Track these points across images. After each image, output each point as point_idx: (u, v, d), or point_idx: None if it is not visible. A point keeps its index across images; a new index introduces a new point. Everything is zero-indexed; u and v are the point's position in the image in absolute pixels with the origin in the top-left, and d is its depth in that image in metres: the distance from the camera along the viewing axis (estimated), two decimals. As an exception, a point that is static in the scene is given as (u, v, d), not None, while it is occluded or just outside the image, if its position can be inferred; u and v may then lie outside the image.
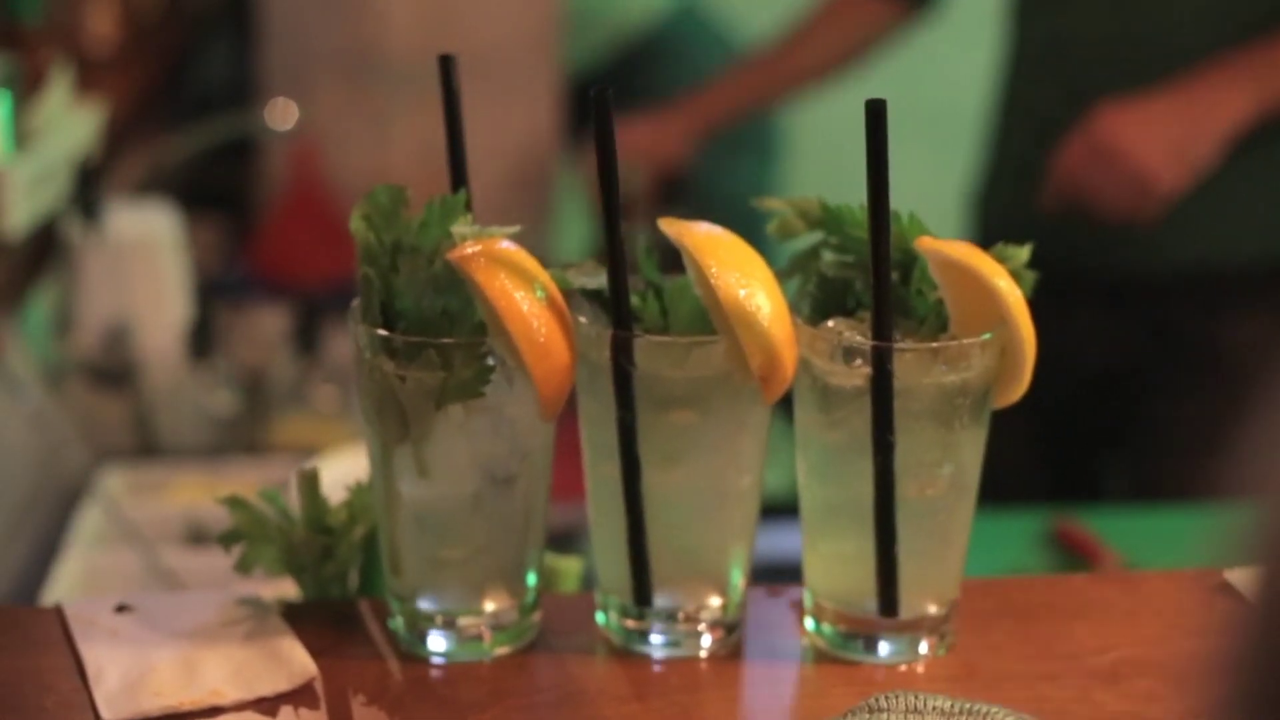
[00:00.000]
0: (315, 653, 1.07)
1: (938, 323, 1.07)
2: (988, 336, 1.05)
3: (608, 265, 1.04)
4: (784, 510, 1.57)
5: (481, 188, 1.10)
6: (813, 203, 1.10)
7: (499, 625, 1.09)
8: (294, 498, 1.16)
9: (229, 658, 1.06)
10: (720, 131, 2.87)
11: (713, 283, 1.02)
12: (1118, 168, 2.07)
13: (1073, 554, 1.90)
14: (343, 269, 2.96)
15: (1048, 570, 1.89)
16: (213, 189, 3.14)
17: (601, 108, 1.02)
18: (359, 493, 1.14)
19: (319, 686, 1.05)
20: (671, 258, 1.07)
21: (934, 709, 0.95)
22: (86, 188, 2.20)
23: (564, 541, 1.60)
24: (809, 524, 1.11)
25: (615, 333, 1.04)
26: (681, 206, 3.82)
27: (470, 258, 1.01)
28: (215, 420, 2.18)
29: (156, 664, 1.05)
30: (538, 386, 1.01)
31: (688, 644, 1.10)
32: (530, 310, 1.00)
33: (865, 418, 1.05)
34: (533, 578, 1.10)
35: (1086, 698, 1.05)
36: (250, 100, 3.20)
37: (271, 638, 1.08)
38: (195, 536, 1.88)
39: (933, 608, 1.10)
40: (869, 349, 1.04)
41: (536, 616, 1.11)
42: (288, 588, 1.20)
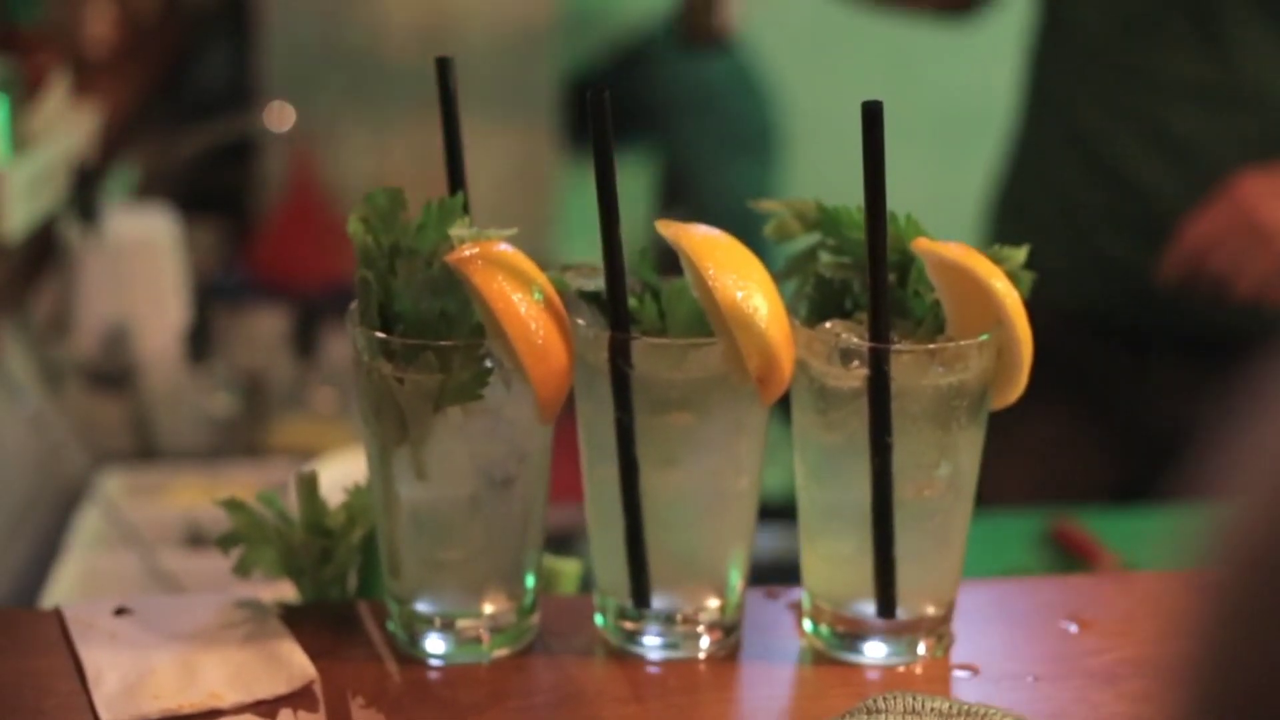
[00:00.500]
0: (314, 655, 1.07)
1: (935, 324, 1.07)
2: (985, 338, 1.05)
3: (605, 267, 1.04)
4: (781, 512, 1.57)
5: (479, 191, 1.10)
6: (810, 204, 1.10)
7: (497, 627, 1.09)
8: (293, 500, 1.16)
9: (228, 660, 1.06)
10: None
11: (710, 284, 1.02)
12: (1262, 241, 1.89)
13: (1070, 555, 1.90)
14: (341, 271, 2.96)
15: (1045, 571, 1.89)
16: (211, 191, 3.14)
17: (599, 109, 1.02)
18: (357, 495, 1.14)
19: (318, 689, 1.05)
20: (669, 260, 1.07)
21: (932, 710, 0.95)
22: (85, 190, 2.20)
23: (562, 543, 1.60)
24: (807, 525, 1.11)
25: (613, 335, 1.04)
26: (680, 208, 3.83)
27: (468, 260, 1.01)
28: (214, 422, 2.18)
29: (155, 666, 1.06)
30: (536, 389, 1.01)
31: (686, 645, 1.10)
32: (528, 313, 1.01)
33: (863, 419, 1.05)
34: (531, 579, 1.10)
35: (1084, 698, 1.06)
36: (248, 103, 3.20)
37: (270, 640, 1.08)
38: (194, 539, 1.89)
39: (931, 609, 1.10)
40: (866, 350, 1.04)
41: (535, 618, 1.11)
42: (286, 590, 1.20)
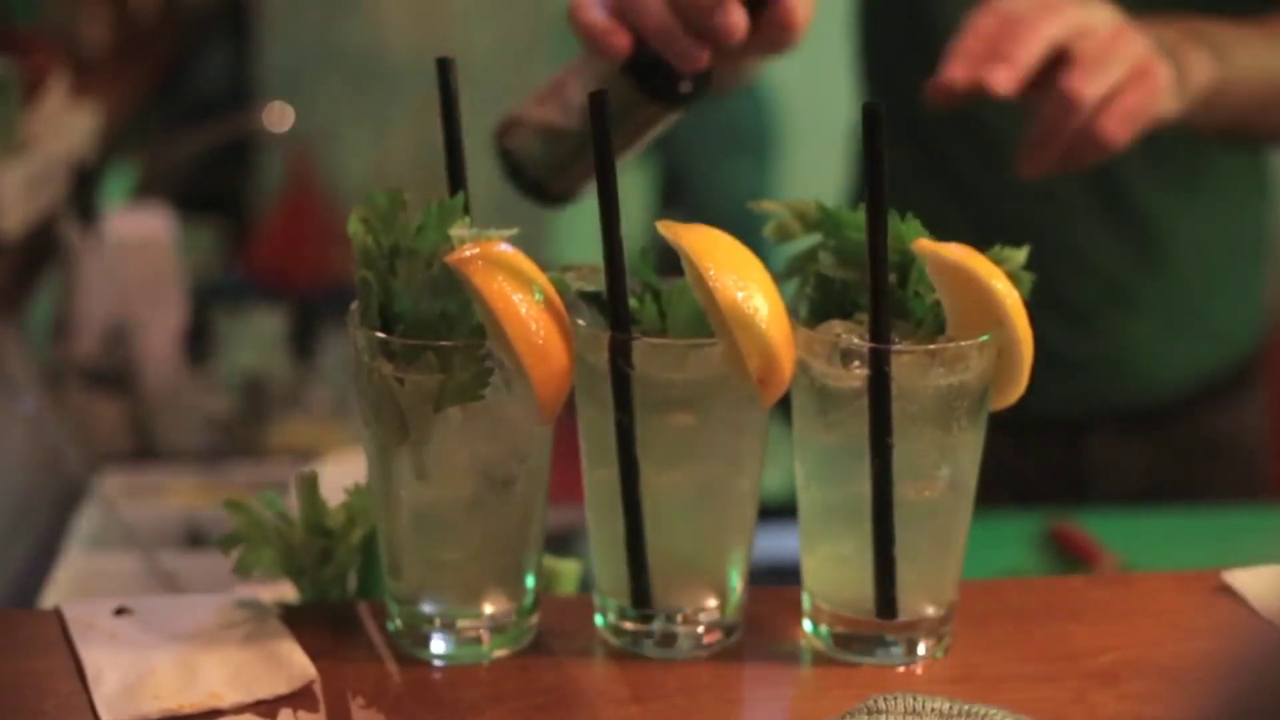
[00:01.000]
0: (314, 655, 1.07)
1: (935, 325, 1.07)
2: (985, 338, 1.05)
3: (606, 268, 1.04)
4: (781, 512, 1.57)
5: (477, 191, 1.10)
6: (810, 205, 1.10)
7: (498, 627, 1.09)
8: (292, 500, 1.16)
9: (228, 660, 1.06)
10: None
11: (711, 285, 1.02)
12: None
13: (1069, 556, 1.90)
14: (339, 272, 2.96)
15: (1044, 572, 1.89)
16: (209, 192, 3.14)
17: (599, 110, 1.02)
18: (358, 495, 1.14)
19: (318, 689, 1.05)
20: (669, 260, 1.07)
21: (933, 710, 0.95)
22: (84, 190, 2.20)
23: (561, 543, 1.60)
24: (807, 526, 1.11)
25: (613, 335, 1.04)
26: (678, 208, 3.82)
27: (468, 260, 1.01)
28: (213, 423, 2.18)
29: (155, 666, 1.06)
30: (536, 389, 1.01)
31: (686, 646, 1.10)
32: (528, 313, 1.01)
33: (863, 420, 1.05)
34: (531, 580, 1.10)
35: (1084, 699, 1.06)
36: (247, 103, 3.20)
37: (270, 640, 1.08)
38: (193, 539, 1.89)
39: (931, 609, 1.10)
40: (866, 351, 1.04)
41: (535, 619, 1.11)
42: (286, 590, 1.20)
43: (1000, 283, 1.05)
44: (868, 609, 1.09)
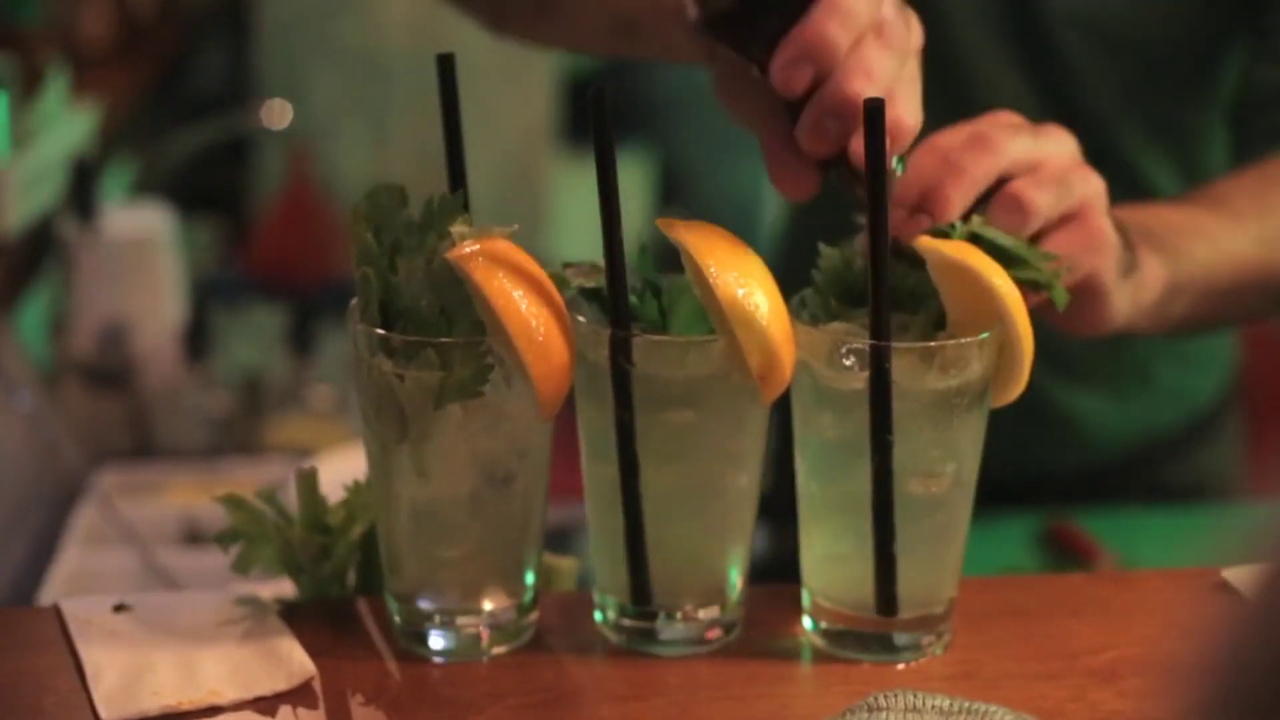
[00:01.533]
0: (313, 652, 1.07)
1: (933, 318, 1.07)
2: (986, 336, 1.05)
3: (606, 265, 1.04)
4: (780, 509, 1.56)
5: (475, 188, 1.10)
6: None
7: (497, 625, 1.09)
8: (292, 497, 1.16)
9: (227, 657, 1.06)
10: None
11: (711, 282, 1.02)
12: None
13: (1068, 554, 1.90)
14: (337, 269, 2.96)
15: (1043, 570, 1.89)
16: (207, 189, 3.14)
17: (599, 107, 1.02)
18: (357, 492, 1.14)
19: (317, 686, 1.05)
20: (669, 257, 1.07)
21: (933, 708, 0.95)
22: (83, 188, 2.20)
23: (559, 541, 1.60)
24: (807, 523, 1.11)
25: (614, 332, 1.04)
26: (676, 206, 3.83)
27: (469, 257, 1.01)
28: (211, 421, 2.18)
29: (155, 663, 1.05)
30: (536, 386, 1.01)
31: (686, 643, 1.10)
32: (529, 310, 1.00)
33: (863, 417, 1.05)
34: (531, 577, 1.10)
35: (1083, 696, 1.06)
36: (245, 101, 3.20)
37: (270, 637, 1.08)
38: (191, 537, 1.88)
39: (931, 607, 1.10)
40: (867, 349, 1.04)
41: (534, 616, 1.11)
42: (285, 587, 1.20)
43: (1000, 280, 1.05)
44: (868, 606, 1.08)
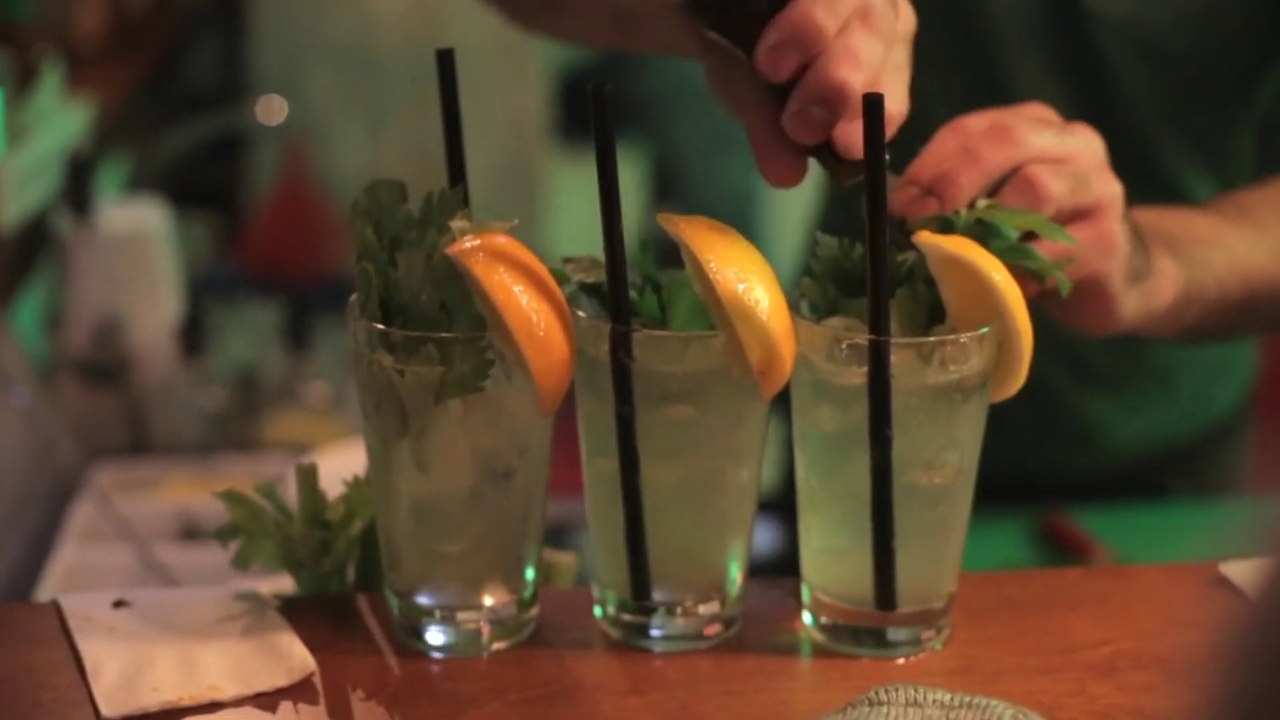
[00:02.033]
0: (313, 648, 1.07)
1: (931, 310, 1.07)
2: (985, 331, 1.05)
3: (606, 260, 1.04)
4: (778, 505, 1.56)
5: (471, 183, 1.10)
6: None
7: (497, 620, 1.09)
8: (290, 493, 1.16)
9: (227, 653, 1.06)
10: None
11: (711, 277, 1.02)
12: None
13: (1064, 550, 1.90)
14: (333, 265, 2.96)
15: (1038, 566, 1.89)
16: (203, 185, 3.14)
17: (600, 103, 1.02)
18: (357, 487, 1.14)
19: (318, 681, 1.05)
20: (668, 252, 1.07)
21: (934, 702, 0.96)
22: (78, 183, 2.20)
23: (558, 536, 1.60)
24: (806, 518, 1.11)
25: (614, 327, 1.04)
26: (671, 202, 3.83)
27: (469, 252, 1.01)
28: (207, 416, 2.18)
29: (155, 659, 1.05)
30: (537, 381, 1.01)
31: (686, 638, 1.10)
32: (529, 305, 1.00)
33: (862, 412, 1.05)
34: (531, 572, 1.10)
35: (1083, 691, 1.06)
36: (239, 97, 3.20)
37: (270, 633, 1.08)
38: (187, 533, 1.88)
39: (930, 601, 1.10)
40: (866, 344, 1.04)
41: (534, 611, 1.11)
42: (282, 583, 1.20)
43: (1000, 275, 1.05)
44: (867, 601, 1.09)
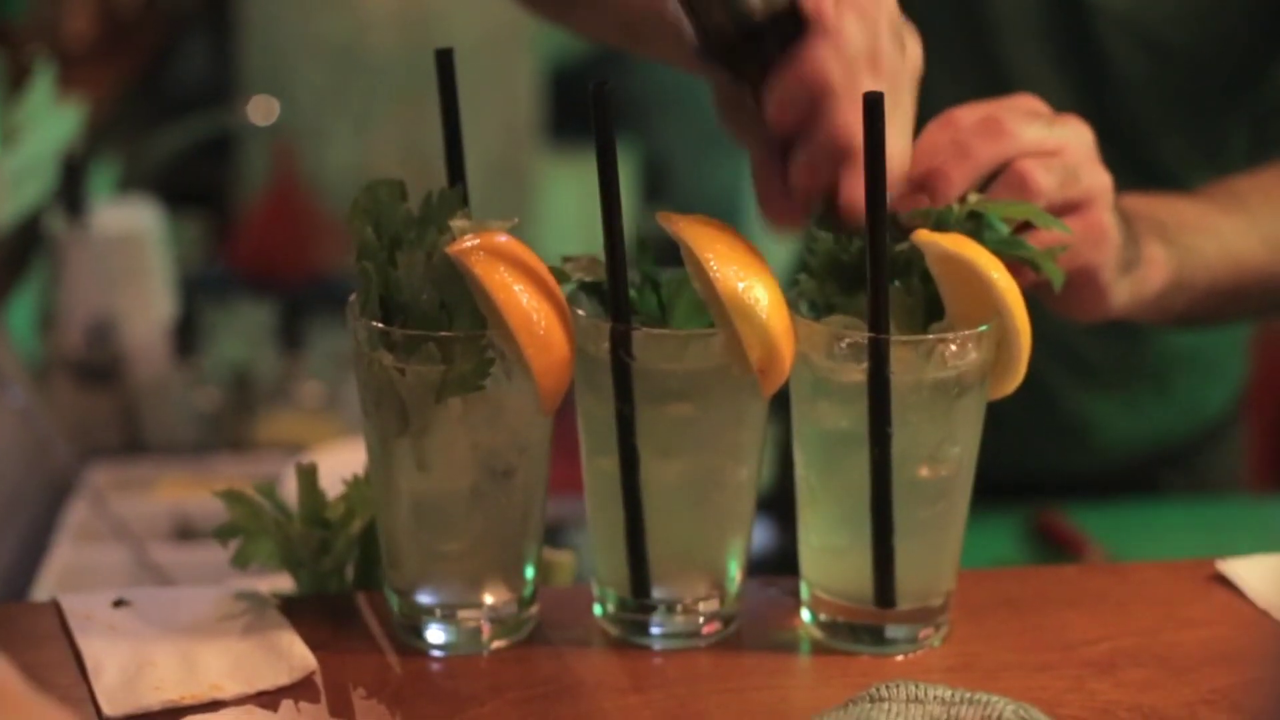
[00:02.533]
0: (313, 646, 1.07)
1: (930, 309, 1.08)
2: (984, 329, 1.05)
3: (606, 259, 1.04)
4: (776, 503, 1.56)
5: (473, 183, 1.10)
6: None
7: (497, 618, 1.09)
8: (286, 493, 1.16)
9: (228, 652, 1.06)
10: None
11: (711, 275, 1.02)
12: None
13: (1056, 547, 1.91)
14: (323, 265, 2.96)
15: (1031, 564, 1.89)
16: (193, 186, 3.14)
17: (600, 102, 1.03)
18: (357, 486, 1.14)
19: (319, 680, 1.05)
20: (667, 251, 1.07)
21: (935, 698, 0.96)
22: (71, 183, 2.19)
23: (555, 535, 1.60)
24: (805, 516, 1.11)
25: (614, 325, 1.05)
26: (661, 202, 3.83)
27: (469, 251, 1.01)
28: (201, 417, 2.18)
29: (155, 658, 1.06)
30: (537, 379, 1.01)
31: (686, 636, 1.10)
32: (530, 303, 1.01)
33: (862, 410, 1.05)
34: (531, 571, 1.10)
35: (1082, 687, 1.06)
36: (229, 97, 3.20)
37: (270, 631, 1.08)
38: (182, 532, 1.88)
39: (929, 599, 1.10)
40: (865, 341, 1.04)
41: (534, 609, 1.11)
42: (280, 582, 1.20)
43: (998, 273, 1.05)
44: (867, 598, 1.09)
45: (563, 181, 3.53)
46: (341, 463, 1.25)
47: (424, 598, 1.08)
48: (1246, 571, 1.19)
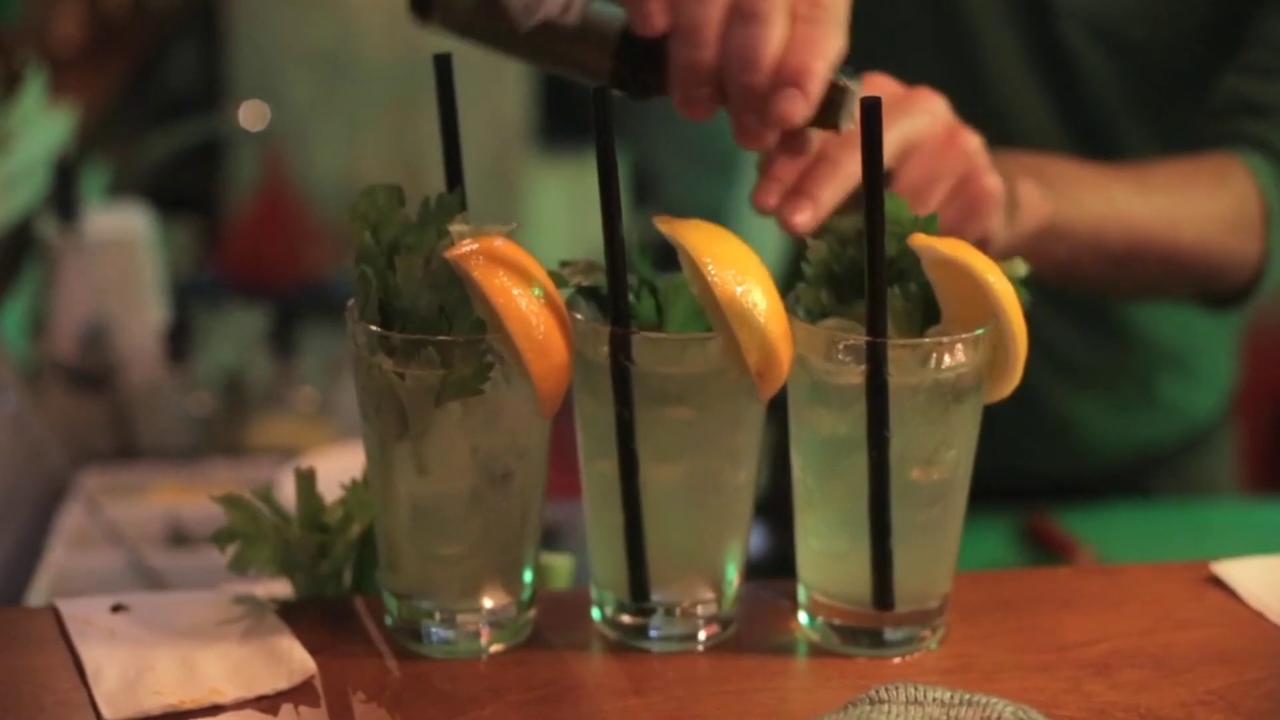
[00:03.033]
0: (312, 651, 1.07)
1: (926, 313, 1.08)
2: (980, 332, 1.06)
3: (606, 262, 1.04)
4: (774, 506, 1.57)
5: (471, 184, 1.10)
6: None
7: (496, 622, 1.09)
8: (283, 497, 1.16)
9: (227, 656, 1.07)
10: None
11: (710, 280, 1.03)
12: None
13: (1046, 550, 1.91)
14: (314, 270, 2.96)
15: (1021, 566, 1.89)
16: (183, 191, 3.14)
17: (601, 105, 1.03)
18: (355, 490, 1.14)
19: (318, 684, 1.05)
20: (664, 255, 1.08)
21: (934, 700, 0.96)
22: (63, 189, 2.19)
23: (553, 538, 1.61)
24: (803, 519, 1.12)
25: (613, 329, 1.05)
26: (650, 208, 3.83)
27: (468, 255, 1.02)
28: (194, 422, 2.18)
29: (155, 663, 1.06)
30: (536, 383, 1.02)
31: (684, 639, 1.10)
32: (528, 308, 1.01)
33: (859, 413, 1.06)
34: (529, 574, 1.10)
35: (1078, 688, 1.07)
36: (219, 103, 3.20)
37: (269, 636, 1.09)
38: (175, 537, 1.88)
39: (926, 601, 1.10)
40: (863, 345, 1.04)
41: (533, 613, 1.11)
42: (275, 587, 1.20)
43: (994, 276, 1.06)
44: (865, 601, 1.09)
45: (552, 186, 3.53)
46: (336, 467, 1.25)
47: (422, 601, 1.09)
48: (1240, 573, 1.19)
